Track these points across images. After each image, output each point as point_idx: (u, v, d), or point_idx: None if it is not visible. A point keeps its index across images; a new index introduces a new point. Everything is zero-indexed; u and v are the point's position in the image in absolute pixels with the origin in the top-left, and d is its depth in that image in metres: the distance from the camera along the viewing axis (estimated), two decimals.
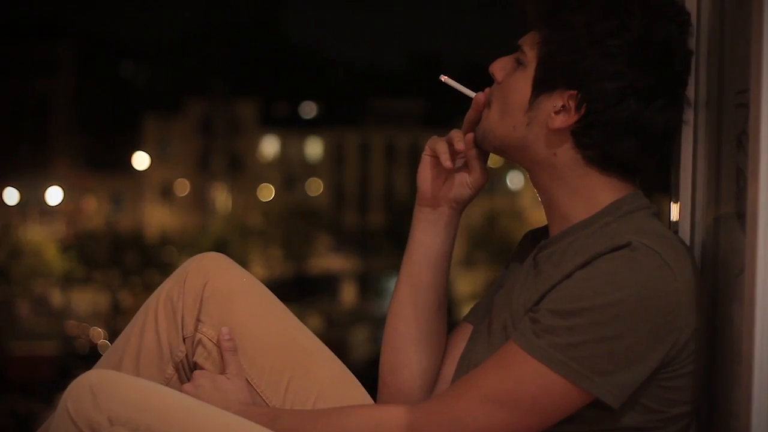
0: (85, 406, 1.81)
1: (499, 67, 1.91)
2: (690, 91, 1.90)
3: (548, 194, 1.89)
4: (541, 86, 1.84)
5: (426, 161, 2.03)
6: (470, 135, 1.96)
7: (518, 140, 1.87)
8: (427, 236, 2.04)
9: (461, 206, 2.04)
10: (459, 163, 2.00)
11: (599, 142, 1.82)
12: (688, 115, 1.90)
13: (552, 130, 1.84)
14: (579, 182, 1.85)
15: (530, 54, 1.86)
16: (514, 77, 1.88)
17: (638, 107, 1.79)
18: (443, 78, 2.01)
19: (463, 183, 2.02)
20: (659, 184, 2.05)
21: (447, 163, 1.97)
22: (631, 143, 1.81)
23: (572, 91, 1.81)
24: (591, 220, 1.84)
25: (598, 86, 1.79)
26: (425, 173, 2.03)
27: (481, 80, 1.96)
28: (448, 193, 2.02)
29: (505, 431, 1.75)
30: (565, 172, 1.85)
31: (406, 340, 2.03)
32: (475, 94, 1.96)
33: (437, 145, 1.99)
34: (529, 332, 1.75)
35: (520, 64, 1.87)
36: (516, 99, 1.87)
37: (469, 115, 1.97)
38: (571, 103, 1.81)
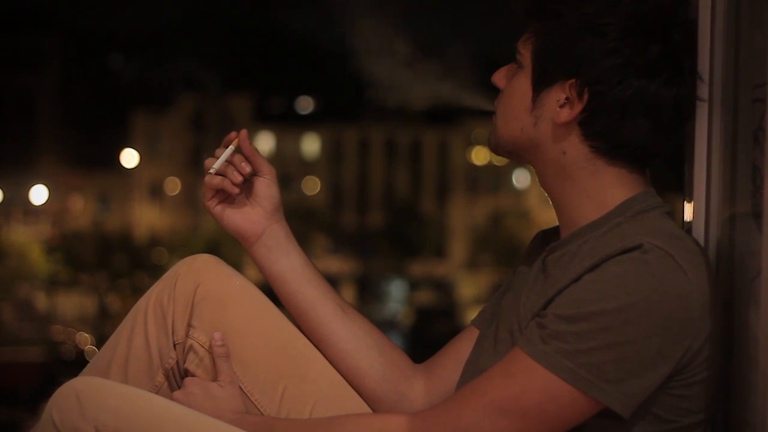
0: (70, 414, 1.81)
1: (500, 77, 1.94)
2: (704, 86, 1.90)
3: (558, 196, 1.89)
4: (541, 82, 1.85)
5: (217, 211, 2.10)
6: (244, 131, 2.05)
7: (528, 141, 1.88)
8: (283, 263, 2.10)
9: (278, 207, 2.10)
10: (239, 178, 2.06)
11: (607, 129, 1.82)
12: (702, 92, 1.90)
13: (559, 126, 1.84)
14: (589, 181, 1.85)
15: (525, 53, 1.88)
16: (514, 80, 1.90)
17: (641, 83, 1.80)
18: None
19: (262, 184, 2.09)
20: (672, 182, 2.05)
21: (234, 189, 2.05)
22: (640, 123, 1.81)
23: (571, 80, 1.82)
24: (601, 220, 1.84)
25: (595, 68, 1.80)
26: (231, 220, 2.10)
27: (483, 74, 1.98)
28: (261, 208, 2.10)
29: None
30: (574, 171, 1.85)
31: (345, 357, 2.08)
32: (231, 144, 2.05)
33: (211, 183, 2.07)
34: (536, 338, 1.75)
35: (518, 66, 1.89)
36: (519, 101, 1.88)
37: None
38: (573, 93, 1.82)
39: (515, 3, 1.90)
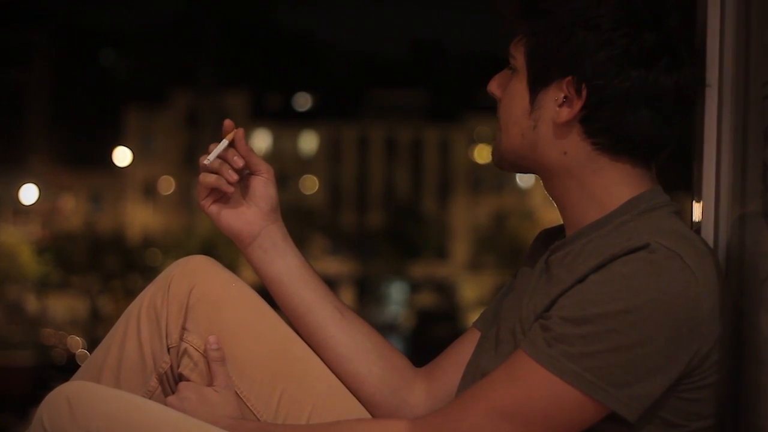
0: (61, 420, 1.81)
1: (495, 85, 1.94)
2: (713, 82, 1.90)
3: (563, 198, 1.89)
4: (537, 83, 1.85)
5: (212, 211, 2.10)
6: (240, 130, 2.04)
7: (529, 146, 1.87)
8: (279, 264, 2.10)
9: (275, 207, 2.10)
10: (236, 177, 2.05)
11: (609, 124, 1.82)
12: (711, 88, 1.90)
13: (560, 126, 1.84)
14: (593, 180, 1.85)
15: (518, 56, 1.88)
16: (510, 86, 1.90)
17: (639, 73, 1.80)
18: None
19: (259, 183, 2.09)
20: (680, 181, 2.05)
21: (229, 187, 2.05)
22: (642, 114, 1.81)
23: (568, 77, 1.82)
24: (606, 219, 1.84)
25: (591, 62, 1.80)
26: (226, 221, 2.10)
27: (484, 69, 1.97)
28: (258, 208, 2.09)
29: None
30: (578, 171, 1.85)
31: (343, 361, 2.07)
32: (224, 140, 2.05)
33: (205, 182, 2.06)
34: (540, 341, 1.75)
35: (513, 71, 1.89)
36: (517, 106, 1.88)
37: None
38: (571, 90, 1.82)
39: (504, 5, 1.89)
